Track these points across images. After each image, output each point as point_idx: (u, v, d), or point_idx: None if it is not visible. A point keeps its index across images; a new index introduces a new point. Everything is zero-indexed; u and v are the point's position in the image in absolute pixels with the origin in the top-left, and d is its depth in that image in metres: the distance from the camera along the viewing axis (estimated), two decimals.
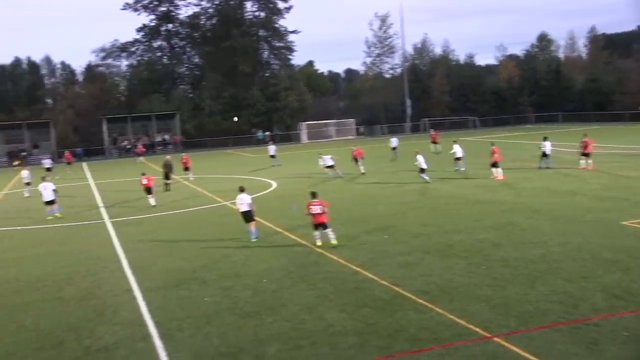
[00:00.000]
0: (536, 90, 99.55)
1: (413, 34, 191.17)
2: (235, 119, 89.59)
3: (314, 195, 20.16)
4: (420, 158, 33.53)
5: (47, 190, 29.85)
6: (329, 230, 19.61)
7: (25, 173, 40.76)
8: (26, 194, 38.83)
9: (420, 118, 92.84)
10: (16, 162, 74.32)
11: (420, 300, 13.85)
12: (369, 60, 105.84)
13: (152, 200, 31.36)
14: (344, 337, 12.09)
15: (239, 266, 18.04)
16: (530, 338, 11.42)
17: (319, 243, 19.65)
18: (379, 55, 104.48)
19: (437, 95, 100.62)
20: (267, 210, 27.05)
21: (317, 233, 19.88)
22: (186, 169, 44.09)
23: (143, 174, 32.59)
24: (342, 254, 18.44)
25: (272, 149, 51.92)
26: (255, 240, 21.10)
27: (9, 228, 27.89)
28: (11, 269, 19.62)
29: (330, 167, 39.44)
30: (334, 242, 19.52)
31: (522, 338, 11.42)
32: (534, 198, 26.76)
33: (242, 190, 22.06)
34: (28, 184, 39.50)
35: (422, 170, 33.34)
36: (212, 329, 12.91)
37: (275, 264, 18.07)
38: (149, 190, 31.60)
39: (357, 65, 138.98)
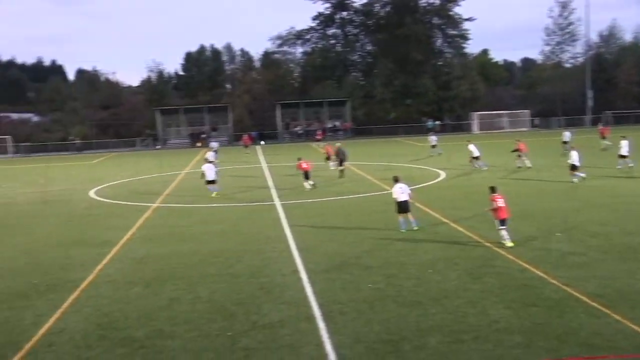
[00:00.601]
0: None
1: (598, 20, 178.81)
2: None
3: (493, 189, 19.33)
4: (574, 154, 31.48)
5: (210, 170, 32.32)
6: (505, 228, 18.66)
7: (210, 154, 44.53)
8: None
9: (602, 110, 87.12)
10: (198, 144, 79.25)
11: (594, 304, 12.99)
12: (547, 48, 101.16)
13: (307, 185, 32.96)
14: (508, 334, 11.64)
15: (403, 255, 17.93)
16: None
17: (509, 244, 18.37)
18: (558, 43, 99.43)
19: (624, 86, 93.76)
20: (434, 200, 26.80)
21: (504, 232, 18.57)
22: (328, 158, 44.51)
23: (299, 159, 34.38)
24: (511, 249, 17.74)
25: (433, 139, 53.13)
26: (417, 228, 20.88)
27: (188, 205, 29.71)
28: (190, 244, 20.86)
29: (476, 158, 38.85)
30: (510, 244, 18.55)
31: None
32: None
33: (396, 180, 21.90)
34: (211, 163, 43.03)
35: (574, 168, 31.23)
36: (374, 315, 12.93)
37: (440, 254, 17.77)
38: (307, 174, 33.21)
39: (535, 54, 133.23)
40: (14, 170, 55.61)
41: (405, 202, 21.28)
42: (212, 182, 32.18)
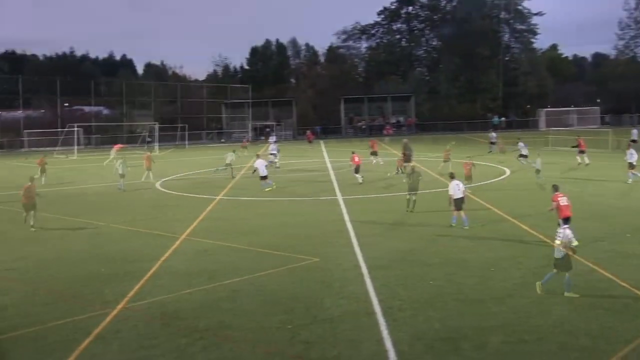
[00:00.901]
0: None
1: None
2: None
3: (556, 188, 18.94)
4: (631, 153, 30.36)
5: (262, 166, 32.81)
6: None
7: (273, 147, 45.20)
8: (277, 165, 42.43)
9: None
10: (262, 138, 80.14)
11: None
12: (621, 43, 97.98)
13: (359, 178, 33.52)
14: (574, 337, 11.33)
15: (465, 252, 17.69)
16: None
17: (574, 242, 18.15)
18: (633, 37, 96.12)
19: None
20: (497, 197, 26.41)
21: (566, 231, 18.30)
22: (373, 153, 44.73)
23: (353, 152, 34.74)
24: (577, 250, 17.25)
25: (493, 136, 54.71)
26: (467, 228, 20.66)
27: (251, 198, 30.02)
28: (251, 237, 21.01)
29: (524, 156, 38.63)
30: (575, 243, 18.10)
31: None
32: None
33: (452, 177, 21.89)
34: (275, 155, 43.75)
35: (631, 166, 30.09)
36: (434, 313, 12.77)
37: (503, 253, 17.45)
38: (357, 169, 33.80)
39: (608, 49, 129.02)
40: (85, 162, 57.32)
41: (461, 199, 21.15)
42: (264, 177, 32.48)
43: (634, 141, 45.73)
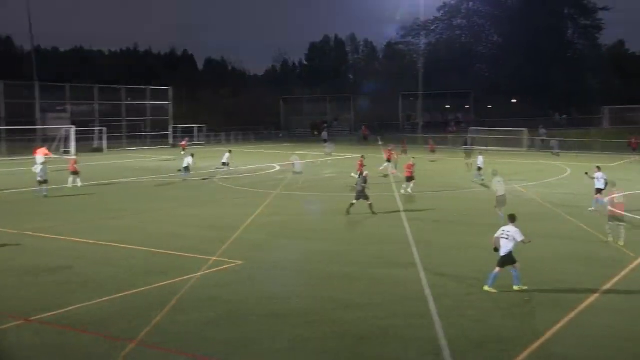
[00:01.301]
0: None
1: None
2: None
3: (613, 184, 18.78)
4: None
5: (298, 163, 34.12)
6: (622, 226, 17.89)
7: (328, 144, 45.71)
8: (329, 162, 42.99)
9: None
10: (316, 134, 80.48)
11: None
12: None
13: (380, 169, 35.01)
14: (631, 342, 11.10)
15: (519, 251, 17.39)
16: None
17: (608, 239, 18.01)
18: None
19: None
20: (557, 196, 25.99)
21: (608, 227, 18.16)
22: (404, 151, 45.54)
23: (389, 147, 36.11)
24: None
25: (542, 132, 57.33)
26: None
27: (307, 193, 30.23)
28: (306, 233, 21.21)
29: (557, 154, 39.71)
30: (621, 243, 17.80)
31: None
32: None
33: (495, 174, 21.91)
34: (330, 154, 44.11)
35: None
36: (489, 313, 12.61)
37: (564, 251, 17.19)
38: (388, 161, 35.16)
39: None
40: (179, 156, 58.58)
41: (502, 196, 21.20)
42: (299, 174, 33.69)
43: None
